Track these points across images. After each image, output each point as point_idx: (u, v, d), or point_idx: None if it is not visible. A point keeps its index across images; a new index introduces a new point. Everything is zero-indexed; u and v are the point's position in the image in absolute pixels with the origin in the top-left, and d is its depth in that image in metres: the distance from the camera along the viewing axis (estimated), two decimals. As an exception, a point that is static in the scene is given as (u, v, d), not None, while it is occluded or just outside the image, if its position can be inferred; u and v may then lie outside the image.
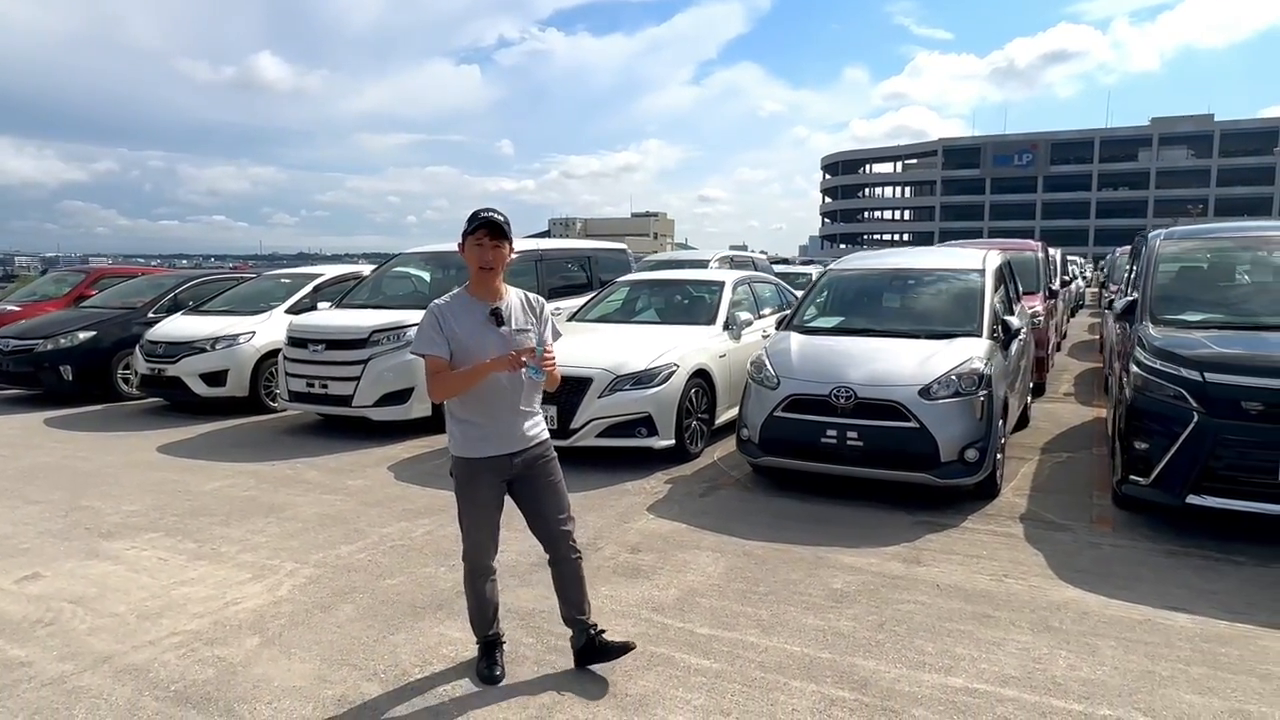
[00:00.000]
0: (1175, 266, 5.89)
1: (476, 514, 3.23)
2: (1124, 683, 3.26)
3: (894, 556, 4.66)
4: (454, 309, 3.07)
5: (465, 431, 3.14)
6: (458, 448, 3.18)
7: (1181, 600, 4.03)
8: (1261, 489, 4.52)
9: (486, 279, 3.08)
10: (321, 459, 6.99)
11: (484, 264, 3.04)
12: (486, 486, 3.17)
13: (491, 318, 3.05)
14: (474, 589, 3.32)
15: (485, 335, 3.04)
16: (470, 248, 3.06)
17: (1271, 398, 4.50)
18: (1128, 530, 5.03)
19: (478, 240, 3.04)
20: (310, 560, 4.65)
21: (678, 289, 8.48)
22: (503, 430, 3.13)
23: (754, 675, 3.34)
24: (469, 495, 3.20)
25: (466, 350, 3.02)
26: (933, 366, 5.49)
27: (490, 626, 3.37)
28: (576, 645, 3.39)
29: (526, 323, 3.17)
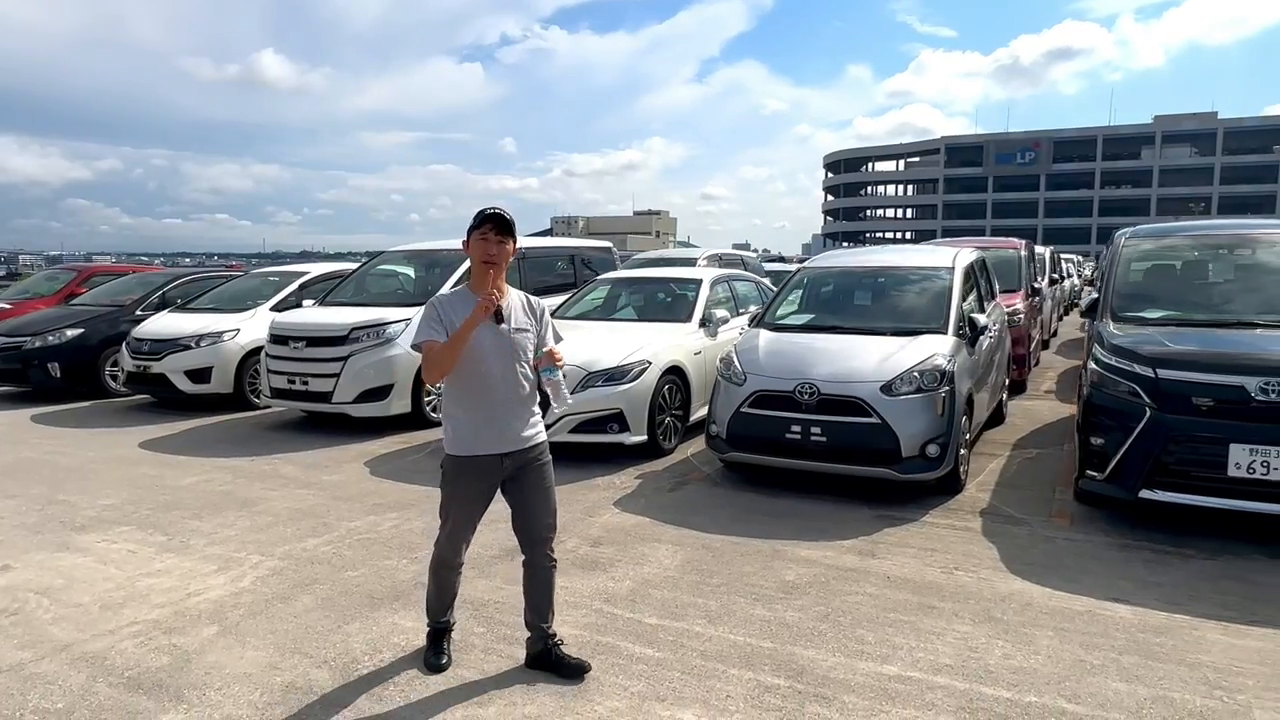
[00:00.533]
0: (1139, 265, 5.95)
1: (459, 511, 3.24)
2: (1055, 671, 3.33)
3: (850, 550, 4.73)
4: (454, 303, 3.09)
5: (458, 429, 3.15)
6: (450, 445, 3.19)
7: (1125, 592, 4.10)
8: (1211, 483, 4.58)
9: (489, 274, 3.09)
10: (299, 454, 7.09)
11: (487, 258, 3.07)
12: (474, 486, 3.19)
13: (492, 316, 3.04)
14: (438, 578, 3.37)
15: (484, 331, 3.04)
16: (475, 242, 3.09)
17: (1220, 393, 4.56)
18: (1084, 524, 5.10)
19: (483, 235, 3.07)
20: (276, 553, 4.73)
21: (656, 287, 8.56)
22: (497, 429, 3.13)
23: (694, 663, 3.42)
24: (454, 492, 3.22)
25: (466, 346, 3.02)
26: (896, 363, 5.56)
27: (445, 613, 3.43)
28: (532, 650, 3.40)
29: (527, 323, 3.20)
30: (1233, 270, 5.81)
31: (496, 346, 3.07)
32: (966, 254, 7.15)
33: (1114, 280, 5.81)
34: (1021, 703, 3.10)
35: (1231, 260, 5.86)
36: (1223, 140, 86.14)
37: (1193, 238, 6.10)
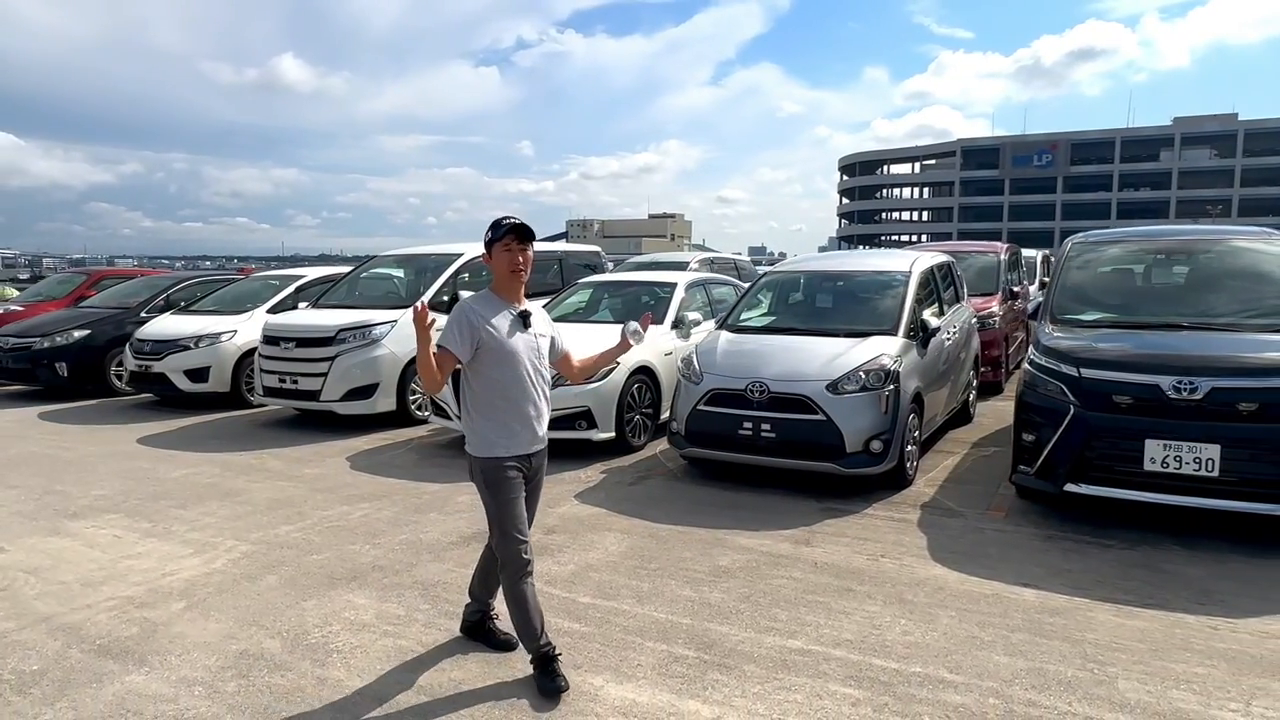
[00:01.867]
0: (1082, 269, 6.17)
1: (513, 509, 3.21)
2: (946, 645, 3.60)
3: (787, 539, 5.01)
4: (486, 308, 3.17)
5: (491, 431, 3.19)
6: (485, 448, 3.19)
7: (1036, 577, 4.35)
8: (1130, 477, 4.82)
9: (515, 281, 3.19)
10: (286, 449, 7.45)
11: (515, 267, 3.15)
12: (516, 483, 3.22)
13: (519, 319, 3.19)
14: (517, 594, 3.22)
15: (514, 335, 3.16)
16: (499, 253, 3.15)
17: (1137, 391, 4.80)
18: (1017, 517, 5.35)
19: (506, 245, 3.14)
20: (250, 538, 5.07)
21: (634, 290, 8.85)
22: (531, 428, 3.24)
23: (615, 637, 3.71)
24: (501, 494, 3.19)
25: (500, 348, 3.12)
26: (842, 363, 5.82)
27: (539, 636, 3.25)
28: (470, 618, 3.59)
29: (546, 330, 3.37)
30: (1170, 274, 6.04)
31: (526, 350, 3.18)
32: (926, 259, 7.40)
33: (1057, 284, 6.05)
34: (906, 672, 3.37)
35: (1170, 265, 6.08)
36: (1244, 142, 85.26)
37: (1135, 243, 6.32)
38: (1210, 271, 5.85)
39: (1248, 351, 4.81)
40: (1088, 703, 3.12)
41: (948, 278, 7.97)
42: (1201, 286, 5.76)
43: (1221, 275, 5.78)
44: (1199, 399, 4.63)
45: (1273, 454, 4.51)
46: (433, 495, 5.96)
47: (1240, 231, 6.20)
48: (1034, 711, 3.07)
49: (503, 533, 3.21)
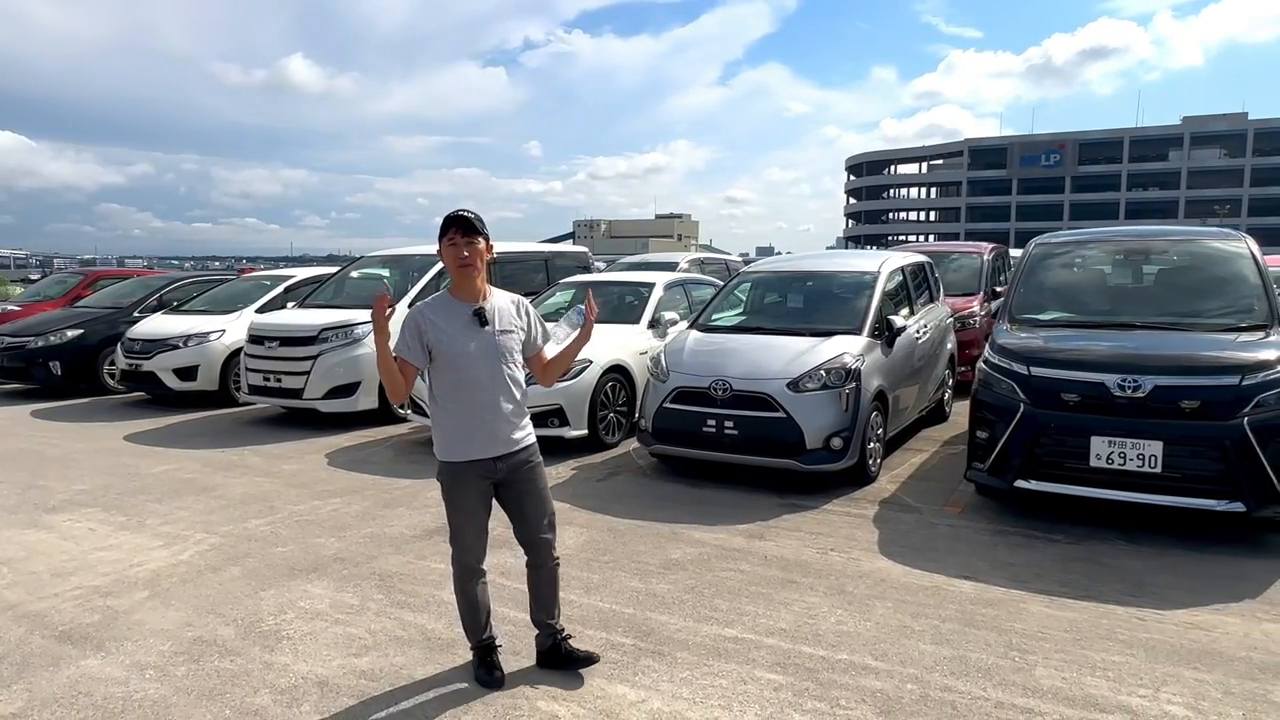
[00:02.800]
0: (1044, 269, 6.26)
1: (462, 518, 3.20)
2: (876, 635, 3.71)
3: (742, 533, 5.12)
4: (435, 311, 3.09)
5: (447, 434, 3.14)
6: (441, 451, 3.17)
7: (978, 571, 4.45)
8: (1077, 473, 4.92)
9: (466, 277, 3.08)
10: (267, 446, 7.60)
11: (461, 261, 3.05)
12: (472, 490, 3.16)
13: (474, 318, 3.06)
14: (464, 592, 3.29)
15: (467, 335, 3.05)
16: (445, 249, 3.07)
17: (1084, 389, 4.90)
18: (972, 513, 5.44)
19: (450, 240, 3.05)
20: (219, 531, 5.22)
21: (614, 290, 8.97)
22: (486, 432, 3.11)
23: (572, 629, 3.82)
24: (454, 499, 3.19)
25: (450, 353, 3.04)
26: (804, 361, 5.93)
27: (483, 631, 3.34)
28: (542, 647, 3.43)
29: (514, 324, 3.19)
30: (1127, 275, 6.13)
31: (481, 349, 3.07)
32: (897, 260, 7.50)
33: (1017, 284, 6.15)
34: (832, 659, 3.48)
35: (1128, 266, 6.17)
36: (1253, 141, 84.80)
37: (1095, 244, 6.40)
38: (1166, 272, 5.94)
39: (1191, 350, 4.91)
40: (1002, 688, 3.23)
41: (921, 278, 8.07)
42: (1156, 287, 5.85)
43: (1177, 276, 5.87)
44: (1143, 397, 4.73)
45: (1213, 451, 4.60)
46: (403, 491, 6.10)
47: (1200, 232, 6.28)
48: (948, 696, 3.18)
49: (452, 539, 3.25)
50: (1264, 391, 4.58)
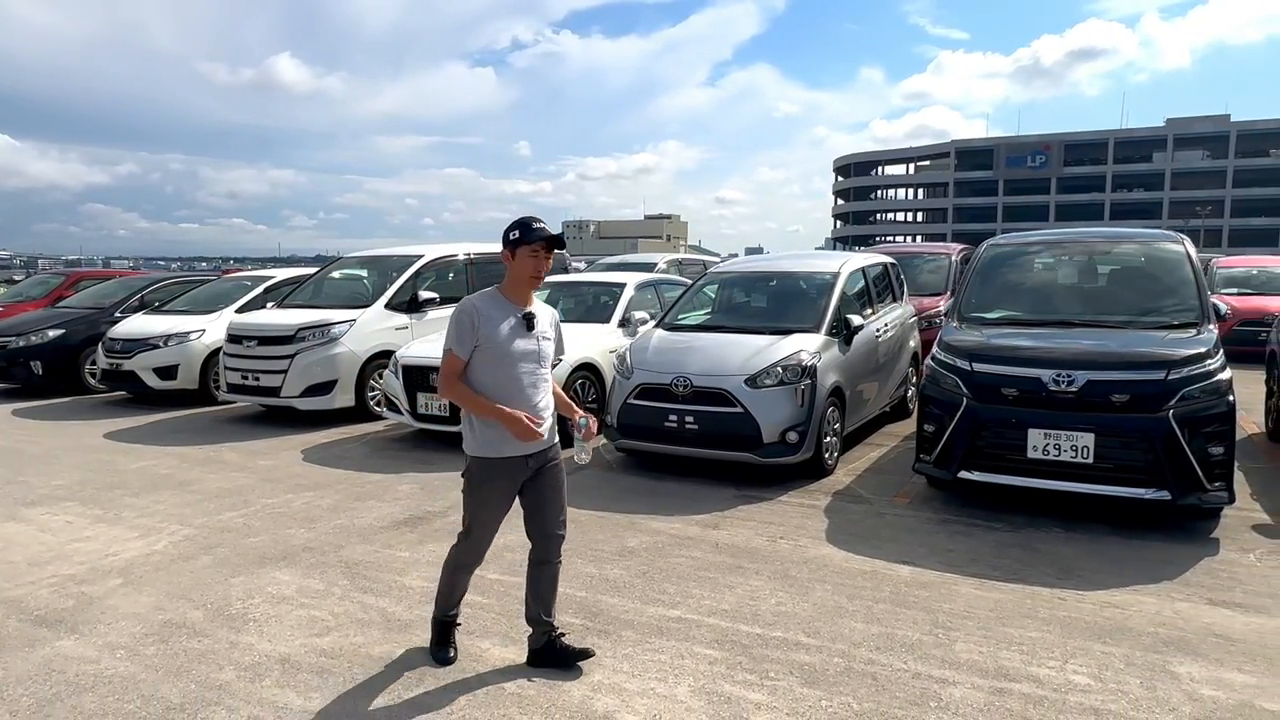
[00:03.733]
0: (993, 270, 6.50)
1: (485, 515, 3.29)
2: (812, 615, 3.93)
3: (698, 523, 5.34)
4: (489, 307, 3.17)
5: (485, 432, 3.19)
6: (477, 448, 3.23)
7: (917, 556, 4.68)
8: (1016, 464, 5.15)
9: (532, 288, 3.22)
10: (245, 443, 7.77)
11: (538, 274, 3.17)
12: (500, 489, 3.25)
13: (524, 321, 3.19)
14: (452, 578, 3.44)
15: (515, 335, 3.16)
16: (524, 256, 3.14)
17: (1022, 384, 5.14)
18: (921, 504, 5.67)
19: (534, 251, 3.13)
20: (194, 524, 5.40)
21: (586, 290, 9.19)
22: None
23: (511, 608, 4.03)
24: (481, 496, 3.27)
25: (499, 347, 3.13)
26: (762, 358, 6.16)
27: (453, 607, 3.49)
28: (534, 644, 3.46)
29: (551, 333, 3.33)
30: (1071, 275, 6.37)
31: (527, 352, 3.18)
32: (858, 261, 7.74)
33: (967, 284, 6.39)
34: (767, 637, 3.70)
35: (1073, 266, 6.42)
36: (1236, 143, 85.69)
37: (1043, 245, 6.66)
38: (1107, 273, 6.19)
39: (1122, 347, 5.15)
40: (921, 661, 3.45)
41: (882, 279, 8.30)
42: (1097, 286, 6.10)
43: (1117, 276, 6.12)
44: (1076, 391, 4.97)
45: (1140, 442, 4.84)
46: (375, 485, 6.29)
47: (1142, 234, 6.53)
48: (870, 668, 3.40)
49: (467, 531, 3.34)
50: (1189, 385, 4.82)
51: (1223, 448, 4.81)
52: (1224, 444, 4.81)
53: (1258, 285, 13.57)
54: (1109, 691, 3.21)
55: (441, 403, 7.20)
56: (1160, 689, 3.22)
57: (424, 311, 9.09)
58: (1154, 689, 3.23)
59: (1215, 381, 4.87)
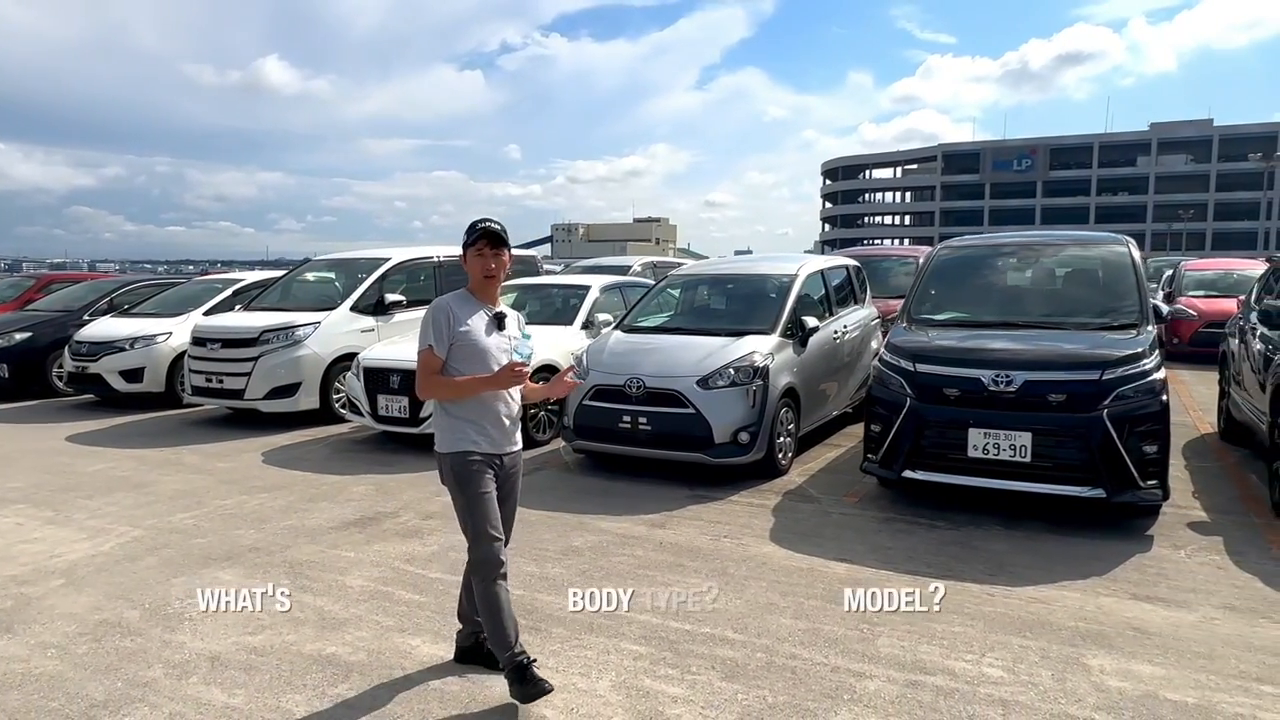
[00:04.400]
0: (944, 272, 6.59)
1: (481, 503, 3.16)
2: (743, 610, 3.99)
3: (646, 522, 5.39)
4: (461, 306, 3.20)
5: (460, 427, 3.18)
6: (452, 443, 3.18)
7: (856, 554, 4.74)
8: (957, 463, 5.23)
9: (489, 285, 3.23)
10: (206, 445, 7.79)
11: (487, 272, 3.19)
12: (485, 478, 3.18)
13: (494, 320, 3.22)
14: (489, 597, 3.12)
15: (488, 334, 3.20)
16: (472, 258, 3.19)
17: (962, 384, 5.22)
18: (868, 503, 5.74)
19: (479, 250, 3.17)
20: (143, 525, 5.42)
21: (553, 292, 9.25)
22: (498, 431, 3.21)
23: (448, 606, 4.05)
24: (469, 486, 3.15)
25: (473, 345, 3.14)
26: (715, 360, 6.22)
27: (514, 644, 3.12)
28: (462, 642, 3.46)
29: (518, 333, 3.34)
30: (1019, 277, 6.47)
31: (498, 350, 3.20)
32: (817, 263, 7.82)
33: (917, 286, 6.47)
34: (695, 633, 3.76)
35: (1020, 269, 6.51)
36: (1219, 147, 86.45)
37: (992, 248, 6.75)
38: (1052, 275, 6.29)
39: (1059, 347, 5.24)
40: (843, 655, 3.52)
41: (844, 281, 8.38)
42: (1043, 288, 6.20)
43: (1063, 278, 6.22)
44: (1014, 391, 5.05)
45: (1076, 441, 4.92)
46: (330, 486, 6.32)
47: (1088, 238, 6.64)
48: (791, 663, 3.46)
49: (475, 532, 3.16)
50: (1123, 385, 4.91)
51: (1156, 446, 4.90)
52: (1157, 442, 4.90)
53: (1225, 288, 13.71)
54: (1020, 683, 3.28)
55: (401, 404, 7.24)
56: (1070, 681, 3.30)
57: (390, 314, 9.13)
58: (1064, 681, 3.30)
59: (1150, 381, 4.96)
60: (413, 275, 9.81)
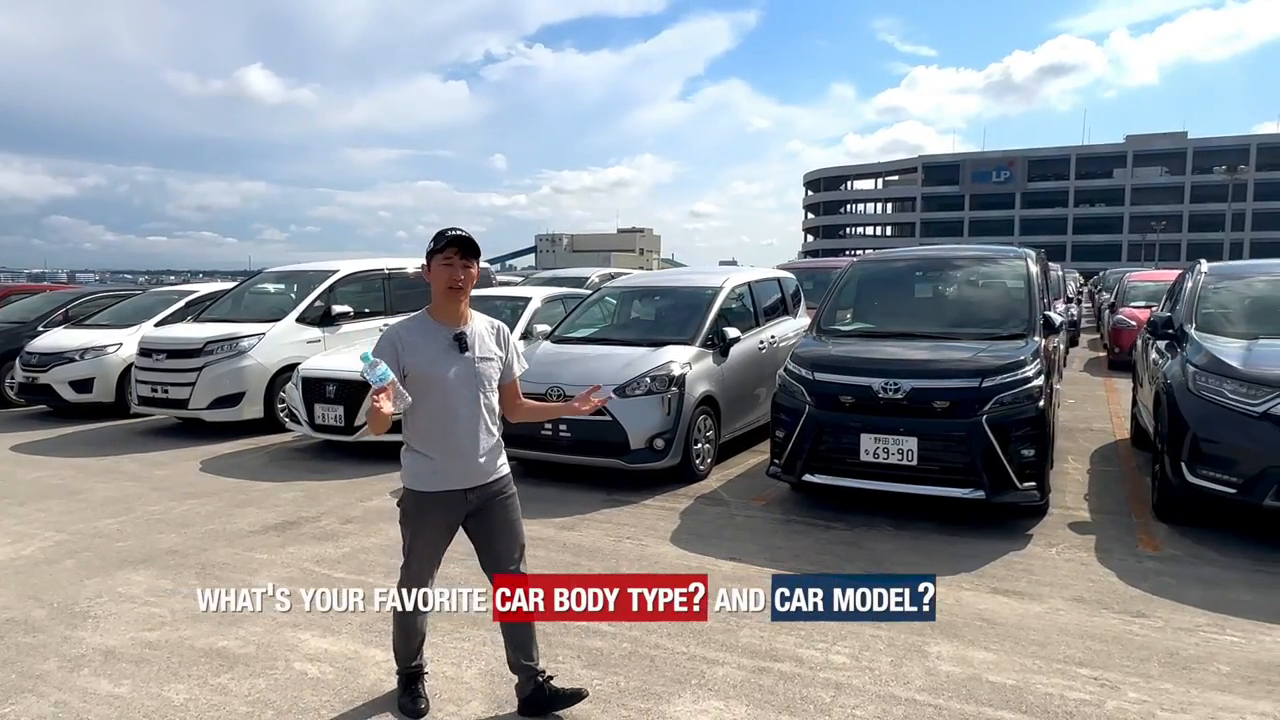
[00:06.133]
0: (854, 285, 6.87)
1: (420, 548, 3.10)
2: (622, 606, 4.21)
3: (556, 525, 5.61)
4: (412, 333, 2.94)
5: (420, 463, 2.99)
6: (408, 479, 3.03)
7: (746, 553, 4.98)
8: (852, 467, 5.48)
9: (453, 300, 2.93)
10: (148, 454, 7.96)
11: (453, 284, 2.89)
12: (435, 522, 3.06)
13: (455, 343, 2.93)
14: (402, 620, 3.19)
15: (446, 361, 2.91)
16: (438, 267, 2.89)
17: (855, 392, 5.48)
18: (775, 506, 5.99)
19: (447, 259, 2.88)
20: (69, 530, 5.60)
21: (497, 304, 9.44)
22: (463, 464, 2.99)
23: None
24: (416, 527, 3.09)
25: (427, 377, 2.88)
26: (633, 369, 6.47)
27: (415, 657, 3.26)
28: (523, 694, 3.23)
29: (493, 351, 3.05)
30: (926, 289, 6.76)
31: (461, 377, 2.93)
32: (744, 276, 8.10)
33: (828, 298, 6.74)
34: (571, 626, 3.95)
35: (926, 281, 6.80)
36: (1193, 159, 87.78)
37: (902, 262, 7.06)
38: (955, 288, 6.58)
39: (945, 356, 5.51)
40: (702, 645, 3.75)
41: (775, 293, 8.65)
42: (942, 300, 6.48)
43: (962, 290, 6.51)
44: (901, 398, 5.32)
45: (958, 445, 5.19)
46: (260, 493, 6.51)
47: (992, 251, 6.94)
48: (653, 652, 3.69)
49: (405, 562, 3.15)
50: (1002, 392, 5.19)
51: (1034, 449, 5.17)
52: (1035, 446, 5.17)
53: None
54: (859, 669, 3.53)
55: (337, 413, 7.43)
56: (906, 666, 3.54)
57: (338, 325, 9.33)
58: (900, 666, 3.54)
59: (1028, 388, 5.23)
60: (361, 287, 10.01)
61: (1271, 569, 4.61)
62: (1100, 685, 3.36)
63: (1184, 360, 5.44)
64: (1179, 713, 3.16)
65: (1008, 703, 3.25)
